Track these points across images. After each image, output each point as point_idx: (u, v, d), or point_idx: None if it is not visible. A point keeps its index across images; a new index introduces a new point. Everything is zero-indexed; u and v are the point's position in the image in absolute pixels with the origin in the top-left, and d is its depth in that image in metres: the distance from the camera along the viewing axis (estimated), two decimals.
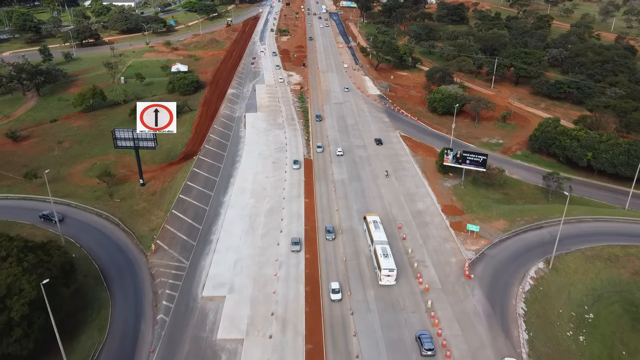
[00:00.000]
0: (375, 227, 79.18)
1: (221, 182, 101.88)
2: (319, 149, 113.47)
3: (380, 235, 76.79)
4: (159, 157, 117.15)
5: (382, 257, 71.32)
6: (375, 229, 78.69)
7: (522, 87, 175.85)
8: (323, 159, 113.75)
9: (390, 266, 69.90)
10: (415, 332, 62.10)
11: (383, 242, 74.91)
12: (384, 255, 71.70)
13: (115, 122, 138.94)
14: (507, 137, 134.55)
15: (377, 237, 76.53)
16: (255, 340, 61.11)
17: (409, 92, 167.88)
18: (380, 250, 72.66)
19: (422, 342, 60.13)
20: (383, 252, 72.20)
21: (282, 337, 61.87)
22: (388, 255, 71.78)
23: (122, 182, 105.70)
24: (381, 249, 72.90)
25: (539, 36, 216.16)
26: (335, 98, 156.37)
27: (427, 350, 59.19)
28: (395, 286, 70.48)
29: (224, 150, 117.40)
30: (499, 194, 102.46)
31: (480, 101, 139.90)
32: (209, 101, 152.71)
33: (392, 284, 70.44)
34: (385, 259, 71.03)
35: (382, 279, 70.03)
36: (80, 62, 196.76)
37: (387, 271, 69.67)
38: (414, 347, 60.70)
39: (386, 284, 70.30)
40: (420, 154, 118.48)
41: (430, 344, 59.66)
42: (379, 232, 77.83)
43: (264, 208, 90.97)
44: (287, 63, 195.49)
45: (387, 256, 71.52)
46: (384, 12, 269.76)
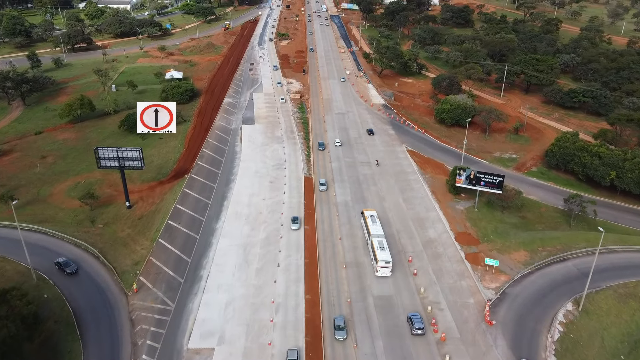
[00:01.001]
0: (373, 221, 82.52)
1: (214, 205, 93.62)
2: (322, 187, 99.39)
3: (377, 229, 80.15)
4: (148, 174, 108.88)
5: (378, 250, 74.70)
6: (372, 223, 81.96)
7: (532, 95, 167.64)
8: (325, 178, 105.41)
9: (386, 258, 73.15)
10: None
11: (380, 236, 78.14)
12: (380, 248, 75.04)
13: (104, 135, 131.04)
14: (520, 152, 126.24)
15: (374, 230, 79.75)
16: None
17: (415, 101, 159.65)
18: (377, 243, 75.89)
19: (412, 322, 63.28)
20: (379, 245, 75.49)
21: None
22: (384, 248, 75.09)
23: (107, 203, 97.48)
24: (378, 242, 76.19)
25: (548, 41, 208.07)
26: (337, 108, 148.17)
27: (417, 329, 62.38)
28: (408, 338, 62.18)
29: (218, 168, 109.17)
30: (516, 218, 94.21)
31: (491, 112, 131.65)
32: (203, 111, 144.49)
33: (388, 275, 73.19)
34: (381, 251, 74.42)
35: (379, 270, 73.10)
36: (70, 68, 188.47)
37: (384, 263, 72.85)
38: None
39: (382, 275, 73.31)
40: (428, 172, 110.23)
41: (420, 324, 63.03)
42: (375, 226, 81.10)
43: (259, 237, 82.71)
44: (287, 69, 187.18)
45: (384, 249, 74.86)
46: (387, 15, 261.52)
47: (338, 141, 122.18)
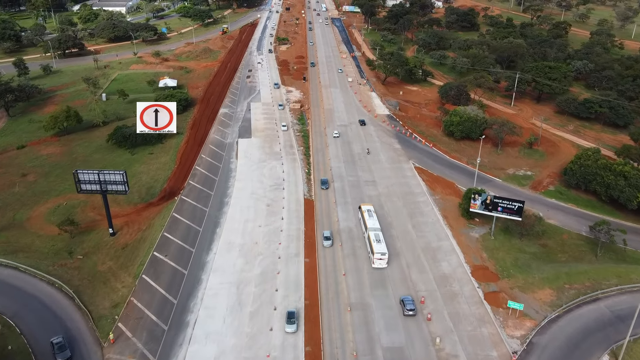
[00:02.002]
0: (369, 215, 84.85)
1: (205, 232, 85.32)
2: (326, 242, 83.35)
3: (373, 223, 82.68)
4: (136, 195, 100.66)
5: (375, 242, 77.39)
6: (369, 217, 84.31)
7: (544, 104, 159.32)
8: (327, 199, 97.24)
9: (382, 250, 76.01)
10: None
11: (376, 229, 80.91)
12: (377, 240, 77.81)
13: (91, 149, 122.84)
14: (535, 168, 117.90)
15: (370, 224, 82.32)
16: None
17: (421, 111, 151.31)
18: (373, 236, 78.59)
19: (404, 304, 66.85)
20: (376, 238, 78.27)
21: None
22: (380, 240, 78.00)
23: (89, 229, 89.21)
24: (374, 235, 78.92)
25: (558, 46, 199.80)
26: (339, 119, 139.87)
27: (409, 310, 66.03)
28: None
29: (211, 188, 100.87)
30: (536, 246, 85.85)
31: (504, 125, 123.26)
32: (198, 123, 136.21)
33: (384, 266, 75.62)
34: (377, 244, 77.18)
35: (375, 262, 75.75)
36: (60, 76, 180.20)
37: (380, 255, 75.62)
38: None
39: (378, 266, 75.75)
40: (438, 192, 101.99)
41: (412, 305, 66.72)
42: (372, 220, 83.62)
43: (254, 272, 74.43)
44: (286, 77, 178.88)
45: (380, 241, 77.67)
46: (390, 19, 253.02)
47: (336, 133, 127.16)
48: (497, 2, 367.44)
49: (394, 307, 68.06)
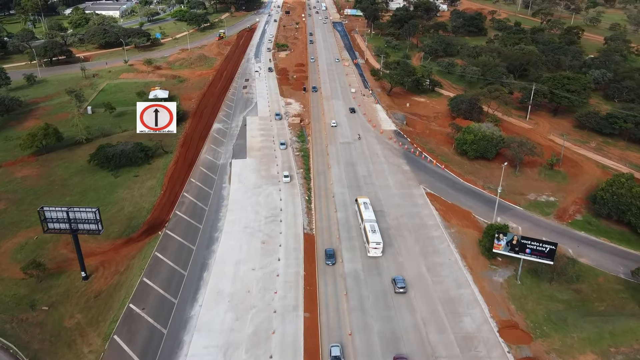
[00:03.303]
0: (365, 207, 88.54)
1: (191, 278, 74.57)
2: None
3: (369, 215, 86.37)
4: (116, 227, 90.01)
5: (370, 233, 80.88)
6: (365, 209, 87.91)
7: (562, 117, 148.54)
8: (329, 234, 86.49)
9: (377, 240, 79.64)
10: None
11: (372, 221, 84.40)
12: (372, 231, 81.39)
13: (71, 171, 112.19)
14: (558, 192, 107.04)
15: (366, 216, 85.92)
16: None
17: (430, 126, 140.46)
18: (369, 227, 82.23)
19: (396, 283, 71.48)
20: (371, 229, 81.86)
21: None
22: (375, 231, 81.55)
23: (60, 270, 78.51)
24: (370, 226, 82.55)
25: (573, 53, 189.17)
26: (342, 135, 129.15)
27: (400, 288, 70.74)
28: None
29: (199, 221, 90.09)
30: (569, 292, 75.01)
31: (523, 145, 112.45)
32: (189, 140, 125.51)
33: (379, 255, 79.14)
34: (373, 234, 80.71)
35: (370, 251, 79.42)
36: (44, 86, 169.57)
37: (375, 244, 79.20)
38: None
39: (374, 255, 79.28)
40: (454, 223, 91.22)
41: (402, 283, 71.47)
42: (368, 212, 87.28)
43: (246, 331, 63.64)
44: (285, 86, 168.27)
45: (375, 232, 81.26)
46: (394, 23, 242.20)
47: (334, 122, 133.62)
48: (503, 4, 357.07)
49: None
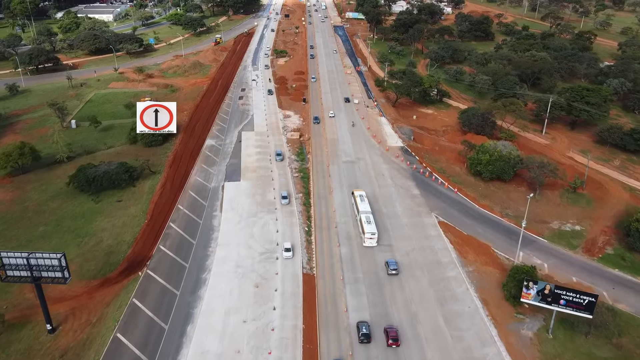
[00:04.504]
0: (361, 200, 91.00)
1: (172, 333, 64.57)
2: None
3: (365, 207, 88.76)
4: (92, 264, 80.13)
5: (366, 224, 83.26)
6: (361, 202, 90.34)
7: (580, 131, 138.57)
8: (331, 274, 76.54)
9: (372, 230, 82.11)
10: None
11: (367, 212, 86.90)
12: (368, 222, 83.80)
13: (48, 194, 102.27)
14: (583, 219, 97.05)
15: (362, 208, 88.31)
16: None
17: (439, 142, 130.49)
18: (364, 219, 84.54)
19: (388, 265, 75.54)
20: (367, 220, 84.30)
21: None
22: (371, 222, 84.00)
23: (24, 320, 68.57)
24: (365, 217, 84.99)
25: (588, 60, 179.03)
26: (345, 152, 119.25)
27: (392, 270, 74.84)
28: None
29: (186, 258, 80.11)
30: (609, 348, 65.22)
31: (544, 167, 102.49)
32: (179, 159, 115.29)
33: (374, 245, 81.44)
34: (368, 225, 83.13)
35: (366, 241, 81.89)
36: (28, 96, 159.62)
37: (370, 234, 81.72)
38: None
39: (369, 245, 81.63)
40: (471, 260, 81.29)
41: (395, 265, 75.73)
42: (364, 204, 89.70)
43: None
44: (284, 97, 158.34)
45: (370, 223, 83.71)
46: (398, 28, 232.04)
47: (332, 113, 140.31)
48: (508, 7, 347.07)
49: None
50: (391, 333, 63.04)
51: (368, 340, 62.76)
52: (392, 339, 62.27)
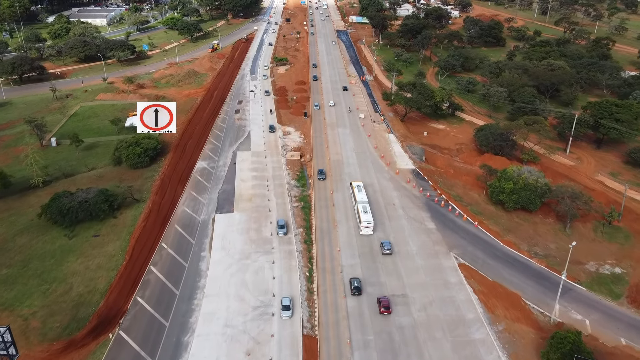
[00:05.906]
0: (359, 190, 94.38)
1: None
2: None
3: (362, 197, 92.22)
4: (56, 320, 68.56)
5: (362, 213, 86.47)
6: (358, 192, 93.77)
7: (606, 150, 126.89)
8: (336, 336, 64.79)
9: (368, 219, 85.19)
10: None
11: (364, 202, 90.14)
12: (364, 211, 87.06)
13: (17, 227, 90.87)
14: (624, 259, 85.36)
15: (359, 198, 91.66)
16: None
17: (454, 163, 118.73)
18: (361, 208, 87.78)
19: (383, 246, 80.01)
20: (364, 209, 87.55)
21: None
22: (367, 211, 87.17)
23: None
24: (362, 207, 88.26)
25: (610, 70, 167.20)
26: (350, 176, 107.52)
27: (386, 250, 79.45)
28: None
29: (166, 314, 68.48)
30: None
31: (577, 198, 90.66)
32: (166, 185, 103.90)
33: (370, 233, 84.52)
34: (364, 214, 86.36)
35: (362, 229, 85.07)
36: (8, 109, 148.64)
37: (366, 223, 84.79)
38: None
39: (365, 233, 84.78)
40: (500, 315, 69.61)
41: (389, 245, 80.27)
42: (361, 194, 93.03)
43: None
44: (283, 110, 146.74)
45: (367, 212, 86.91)
46: (405, 33, 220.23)
47: (332, 102, 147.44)
48: (517, 10, 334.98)
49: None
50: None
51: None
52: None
